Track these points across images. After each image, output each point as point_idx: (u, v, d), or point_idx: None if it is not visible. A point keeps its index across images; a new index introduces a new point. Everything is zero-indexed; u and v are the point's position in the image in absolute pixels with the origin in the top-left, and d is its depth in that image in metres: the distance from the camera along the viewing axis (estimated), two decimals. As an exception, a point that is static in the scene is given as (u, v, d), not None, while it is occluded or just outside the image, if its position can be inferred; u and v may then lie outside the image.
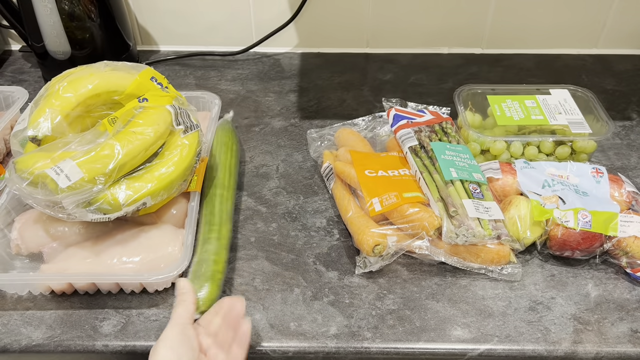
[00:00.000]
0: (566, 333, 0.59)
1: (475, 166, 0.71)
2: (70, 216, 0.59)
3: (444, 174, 0.68)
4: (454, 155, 0.71)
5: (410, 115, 0.79)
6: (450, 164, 0.69)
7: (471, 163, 0.71)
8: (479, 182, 0.68)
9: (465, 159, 0.71)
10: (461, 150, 0.72)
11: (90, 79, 0.63)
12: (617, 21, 1.03)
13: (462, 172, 0.68)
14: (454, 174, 0.68)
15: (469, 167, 0.70)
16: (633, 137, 0.87)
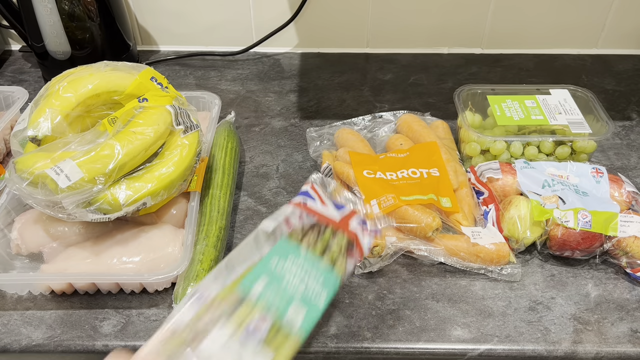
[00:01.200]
0: (566, 333, 0.59)
1: (317, 297, 0.47)
2: (70, 216, 0.59)
3: (245, 280, 0.46)
4: (296, 270, 0.48)
5: (315, 198, 0.55)
6: (276, 273, 0.47)
7: (311, 294, 0.47)
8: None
9: (311, 285, 0.48)
10: (318, 270, 0.49)
11: (90, 79, 0.63)
12: (617, 21, 1.03)
13: (273, 293, 0.46)
14: (257, 288, 0.46)
15: (296, 296, 0.46)
16: (633, 137, 0.87)
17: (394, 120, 0.86)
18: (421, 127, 0.81)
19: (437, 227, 0.65)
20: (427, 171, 0.72)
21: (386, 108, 0.93)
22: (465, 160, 0.80)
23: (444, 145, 0.77)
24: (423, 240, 0.66)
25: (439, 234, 0.66)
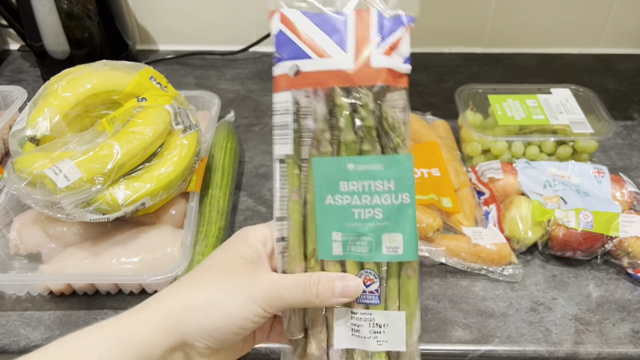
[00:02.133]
0: (567, 334, 0.59)
1: (403, 209, 0.36)
2: (69, 216, 0.58)
3: (319, 248, 0.37)
4: (358, 191, 0.36)
5: (305, 43, 0.36)
6: (341, 214, 0.36)
7: (394, 204, 0.36)
8: (376, 264, 0.37)
9: (383, 194, 0.36)
10: (379, 173, 0.36)
11: (89, 78, 0.63)
12: (618, 20, 1.03)
13: (357, 241, 0.36)
14: (336, 248, 0.37)
15: (382, 220, 0.36)
16: (634, 137, 0.87)
17: (395, 119, 0.85)
18: (422, 126, 0.80)
19: (438, 228, 0.65)
20: (427, 171, 0.72)
21: (386, 107, 0.92)
22: (466, 160, 0.80)
23: (444, 145, 0.77)
24: (424, 240, 0.66)
25: (439, 235, 0.66)
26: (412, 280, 0.37)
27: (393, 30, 0.37)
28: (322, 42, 0.36)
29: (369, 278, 0.37)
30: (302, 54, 0.36)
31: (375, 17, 0.36)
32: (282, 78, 0.36)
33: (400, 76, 0.38)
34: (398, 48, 0.37)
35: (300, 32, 0.36)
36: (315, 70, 0.36)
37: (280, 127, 0.37)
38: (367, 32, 0.36)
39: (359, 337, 0.37)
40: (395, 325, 0.37)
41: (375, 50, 0.36)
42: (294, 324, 0.38)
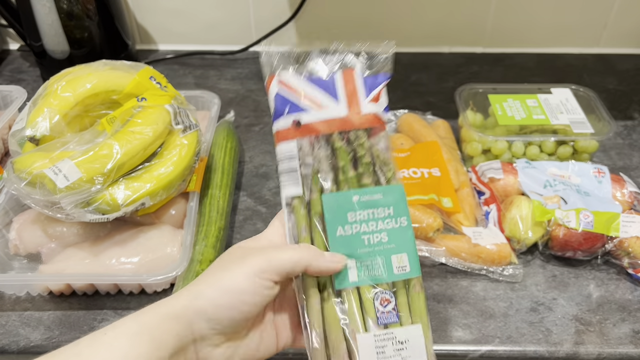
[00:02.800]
0: (568, 334, 0.59)
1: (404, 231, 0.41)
2: (69, 216, 0.58)
3: (335, 279, 0.39)
4: (364, 219, 0.40)
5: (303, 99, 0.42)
6: (353, 242, 0.40)
7: (395, 227, 0.40)
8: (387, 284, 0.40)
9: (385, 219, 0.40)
10: (380, 202, 0.41)
11: (89, 78, 0.63)
12: (618, 20, 1.03)
13: (371, 265, 0.40)
14: (352, 275, 0.39)
15: (388, 243, 0.40)
16: (635, 136, 0.87)
17: (395, 119, 0.86)
18: (422, 126, 0.80)
19: (438, 228, 0.65)
20: (428, 171, 0.72)
21: (387, 107, 0.92)
22: (466, 160, 0.80)
23: (445, 145, 0.77)
24: (424, 240, 0.65)
25: (440, 235, 0.66)
26: (421, 295, 0.40)
27: (374, 85, 0.43)
28: (317, 96, 0.42)
29: (385, 299, 0.39)
30: (300, 108, 0.42)
31: (359, 74, 0.43)
32: (285, 130, 0.42)
33: (381, 121, 0.43)
34: (379, 99, 0.43)
35: (297, 90, 0.42)
36: (315, 120, 0.41)
37: (288, 172, 0.42)
38: (354, 86, 0.42)
39: (384, 358, 0.38)
40: (414, 339, 0.39)
41: (363, 100, 0.42)
42: (317, 357, 0.39)
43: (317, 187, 0.41)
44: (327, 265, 0.38)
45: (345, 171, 0.41)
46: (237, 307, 0.36)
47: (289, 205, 0.41)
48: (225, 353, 0.38)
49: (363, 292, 0.39)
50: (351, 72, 0.43)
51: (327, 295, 0.39)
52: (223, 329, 0.37)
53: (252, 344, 0.40)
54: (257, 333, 0.40)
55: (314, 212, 0.41)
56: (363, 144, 0.41)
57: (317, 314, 0.39)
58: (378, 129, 0.43)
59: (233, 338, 0.38)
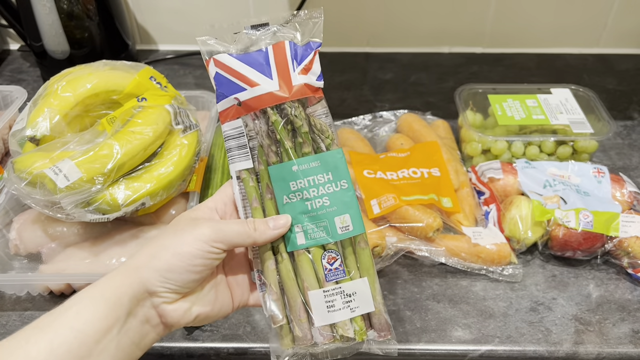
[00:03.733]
0: (567, 334, 0.59)
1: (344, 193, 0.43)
2: (69, 216, 0.58)
3: (286, 243, 0.43)
4: (305, 187, 0.43)
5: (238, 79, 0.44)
6: (298, 209, 0.43)
7: (336, 191, 0.43)
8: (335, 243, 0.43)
9: (326, 184, 0.43)
10: (318, 168, 0.43)
11: (89, 78, 0.63)
12: (618, 21, 1.03)
13: (315, 228, 0.43)
14: (300, 238, 0.43)
15: (330, 206, 0.43)
16: (634, 136, 0.87)
17: (395, 119, 0.86)
18: (422, 126, 0.80)
19: (438, 228, 0.65)
20: (427, 171, 0.72)
21: (387, 107, 0.92)
22: (466, 160, 0.80)
23: (444, 145, 0.77)
24: (424, 240, 0.66)
25: (439, 235, 0.66)
26: (366, 250, 0.44)
27: (305, 55, 0.45)
28: (252, 75, 0.44)
29: (332, 257, 0.43)
30: (238, 88, 0.44)
31: (288, 47, 0.44)
32: (229, 110, 0.44)
33: (316, 90, 0.45)
34: (312, 69, 0.45)
35: (232, 70, 0.44)
36: (251, 97, 0.43)
37: (236, 148, 0.45)
38: (284, 59, 0.44)
39: (334, 310, 0.42)
40: (361, 291, 0.43)
41: (293, 72, 0.44)
42: (275, 312, 0.43)
43: (263, 160, 0.44)
44: (272, 233, 0.42)
45: (283, 143, 0.43)
46: (188, 270, 0.40)
47: (239, 178, 0.45)
48: (181, 308, 0.41)
49: (312, 252, 0.43)
50: (281, 45, 0.44)
51: (281, 258, 0.43)
52: (175, 289, 0.40)
53: (207, 300, 0.43)
54: (211, 291, 0.43)
55: (263, 183, 0.44)
56: (299, 115, 0.44)
57: (272, 273, 0.43)
58: (314, 99, 0.45)
59: (187, 295, 0.42)
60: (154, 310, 0.40)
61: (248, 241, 0.42)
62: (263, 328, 0.59)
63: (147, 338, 0.41)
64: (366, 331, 0.43)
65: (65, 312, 0.37)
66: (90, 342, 0.36)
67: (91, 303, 0.38)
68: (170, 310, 0.41)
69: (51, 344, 0.35)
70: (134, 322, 0.39)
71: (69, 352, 0.35)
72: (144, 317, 0.40)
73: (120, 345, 0.38)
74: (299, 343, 0.42)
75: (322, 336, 0.42)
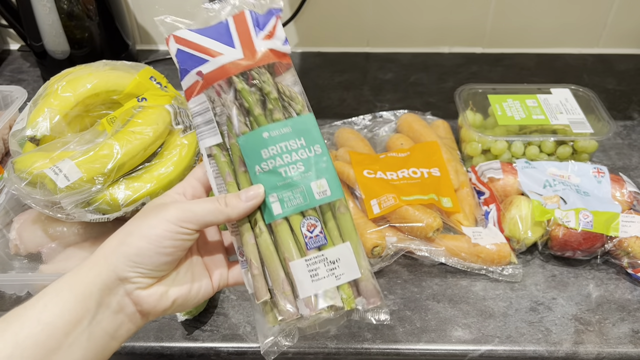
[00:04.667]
0: (567, 334, 0.59)
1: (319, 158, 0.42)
2: (69, 216, 0.58)
3: (263, 214, 0.41)
4: (277, 153, 0.41)
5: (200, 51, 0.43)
6: (272, 177, 0.41)
7: (310, 156, 0.42)
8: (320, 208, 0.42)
9: (299, 150, 0.42)
10: (290, 134, 0.42)
11: (89, 78, 0.63)
12: (618, 21, 1.03)
13: (291, 195, 0.41)
14: (276, 208, 0.41)
15: (305, 171, 0.41)
16: (634, 136, 0.87)
17: (395, 119, 0.86)
18: (422, 126, 0.81)
19: (438, 227, 0.65)
20: (427, 171, 0.72)
21: (386, 107, 0.92)
22: (466, 160, 0.80)
23: (444, 145, 0.77)
24: (424, 240, 0.66)
25: (439, 234, 0.66)
26: (346, 215, 0.42)
27: (266, 21, 0.44)
28: (213, 46, 0.43)
29: (311, 224, 0.41)
30: (200, 61, 0.42)
31: (249, 15, 0.44)
32: (193, 85, 0.43)
33: (283, 55, 0.44)
34: (275, 34, 0.44)
35: (193, 44, 0.43)
36: (214, 68, 0.42)
37: (204, 124, 0.43)
38: (246, 28, 0.43)
39: (318, 279, 0.40)
40: (345, 256, 0.41)
41: (256, 38, 0.43)
42: (258, 288, 0.41)
43: (232, 132, 0.42)
44: (245, 206, 0.40)
45: (251, 111, 0.42)
46: (158, 252, 0.39)
47: (210, 155, 0.43)
48: (156, 293, 0.40)
49: (291, 221, 0.41)
50: (241, 14, 0.44)
51: (259, 231, 0.41)
52: (147, 273, 0.39)
53: (185, 284, 0.42)
54: (187, 273, 0.42)
55: (234, 156, 0.42)
56: (267, 81, 0.42)
57: (252, 248, 0.41)
58: (283, 65, 0.44)
59: (162, 279, 0.40)
60: (128, 298, 0.39)
61: (221, 218, 0.40)
62: (263, 328, 0.59)
63: (123, 328, 0.39)
64: (354, 299, 0.41)
65: (33, 305, 0.36)
66: (59, 335, 0.36)
67: (59, 294, 0.37)
68: (145, 296, 0.39)
69: (16, 337, 0.35)
70: (107, 312, 0.38)
71: (36, 344, 0.35)
72: (117, 306, 0.39)
73: (93, 337, 0.37)
74: (285, 318, 0.40)
75: (308, 308, 0.40)
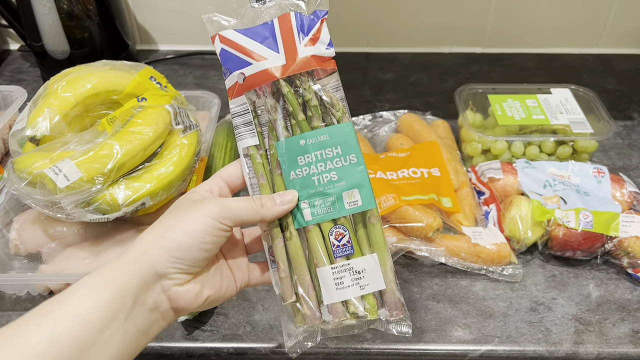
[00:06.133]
0: (567, 334, 0.59)
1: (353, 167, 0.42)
2: (69, 216, 0.58)
3: (294, 220, 0.42)
4: (313, 161, 0.42)
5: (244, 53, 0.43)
6: (305, 184, 0.42)
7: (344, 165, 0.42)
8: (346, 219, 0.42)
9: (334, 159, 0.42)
10: (327, 142, 0.42)
11: (89, 78, 0.63)
12: (618, 21, 1.03)
13: (322, 204, 0.42)
14: (306, 214, 0.42)
15: (338, 181, 0.42)
16: (634, 136, 0.87)
17: (395, 119, 0.86)
18: (422, 126, 0.80)
19: (438, 227, 0.65)
20: (427, 171, 0.72)
21: (386, 107, 0.92)
22: (466, 160, 0.80)
23: (444, 145, 0.77)
24: (424, 240, 0.66)
25: (439, 234, 0.66)
26: (376, 226, 0.42)
27: (312, 25, 0.43)
28: (257, 49, 0.43)
29: (339, 232, 0.42)
30: (243, 63, 0.43)
31: (294, 18, 0.43)
32: (234, 86, 0.44)
33: (326, 60, 0.44)
34: (320, 38, 0.43)
35: (237, 46, 0.43)
36: (257, 71, 0.43)
37: (244, 125, 0.44)
38: (290, 31, 0.43)
39: (343, 288, 0.41)
40: (371, 267, 0.41)
41: (300, 44, 0.43)
42: (284, 290, 0.42)
43: (273, 135, 0.43)
44: (279, 209, 0.41)
45: (295, 116, 0.43)
46: (199, 248, 0.39)
47: (247, 155, 0.44)
48: (193, 290, 0.40)
49: (321, 228, 0.42)
50: (287, 16, 0.43)
51: (290, 235, 0.42)
52: (186, 269, 0.39)
53: (216, 282, 0.42)
54: (217, 272, 0.43)
55: (272, 158, 0.43)
56: (308, 88, 0.43)
57: (281, 251, 0.42)
58: (326, 70, 0.44)
59: (197, 276, 0.40)
60: (164, 295, 0.39)
61: (256, 218, 0.41)
62: (263, 328, 0.59)
63: (155, 325, 0.39)
64: (377, 309, 0.41)
65: (68, 299, 0.35)
66: (95, 330, 0.34)
67: (96, 289, 0.36)
68: (182, 293, 0.39)
69: (52, 332, 0.33)
70: (142, 309, 0.37)
71: (72, 340, 0.33)
72: (153, 303, 0.38)
73: (127, 334, 0.36)
74: (308, 321, 0.41)
75: (331, 314, 0.41)
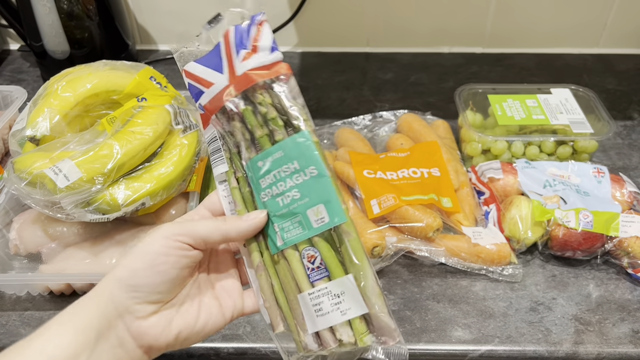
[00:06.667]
0: (567, 334, 0.59)
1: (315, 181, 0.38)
2: (69, 216, 0.58)
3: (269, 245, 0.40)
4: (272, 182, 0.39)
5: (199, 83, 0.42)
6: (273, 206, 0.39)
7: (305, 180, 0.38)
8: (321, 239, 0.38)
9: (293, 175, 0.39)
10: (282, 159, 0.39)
11: (89, 78, 0.63)
12: (618, 21, 1.03)
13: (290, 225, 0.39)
14: (278, 239, 0.39)
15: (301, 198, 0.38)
16: (634, 136, 0.87)
17: (395, 119, 0.86)
18: (422, 126, 0.80)
19: (438, 228, 0.65)
20: (427, 171, 0.72)
21: (386, 107, 0.92)
22: (466, 160, 0.80)
23: (444, 145, 0.77)
24: (424, 240, 0.66)
25: (439, 234, 0.66)
26: (352, 241, 0.37)
27: (249, 34, 0.40)
28: (207, 75, 0.42)
29: (310, 255, 0.38)
30: (200, 93, 0.42)
31: (233, 33, 0.41)
32: (202, 117, 0.43)
33: (273, 66, 0.40)
34: (259, 45, 0.40)
35: (196, 77, 0.42)
36: (210, 98, 0.41)
37: (213, 152, 0.42)
38: (230, 49, 0.41)
39: (323, 314, 0.37)
40: (349, 290, 0.37)
41: (237, 59, 0.40)
42: (272, 319, 0.39)
43: (238, 160, 0.41)
44: (244, 225, 0.38)
45: (254, 134, 0.40)
46: (152, 269, 0.36)
47: (222, 182, 0.41)
48: (158, 324, 0.37)
49: (293, 253, 0.38)
50: (227, 33, 0.41)
51: (269, 263, 0.40)
52: (145, 296, 0.37)
53: (189, 314, 0.39)
54: (193, 303, 0.39)
55: (243, 183, 0.41)
56: (263, 102, 0.39)
57: (262, 280, 0.39)
58: (280, 79, 0.40)
59: (163, 309, 0.38)
60: (127, 333, 0.37)
61: (217, 233, 0.38)
62: (263, 328, 0.59)
63: None
64: (367, 334, 0.37)
65: (38, 337, 0.35)
66: None
67: (61, 327, 0.35)
68: (146, 328, 0.37)
69: None
70: (106, 345, 0.36)
71: None
72: (117, 340, 0.37)
73: None
74: (298, 352, 0.39)
75: (316, 343, 0.37)
